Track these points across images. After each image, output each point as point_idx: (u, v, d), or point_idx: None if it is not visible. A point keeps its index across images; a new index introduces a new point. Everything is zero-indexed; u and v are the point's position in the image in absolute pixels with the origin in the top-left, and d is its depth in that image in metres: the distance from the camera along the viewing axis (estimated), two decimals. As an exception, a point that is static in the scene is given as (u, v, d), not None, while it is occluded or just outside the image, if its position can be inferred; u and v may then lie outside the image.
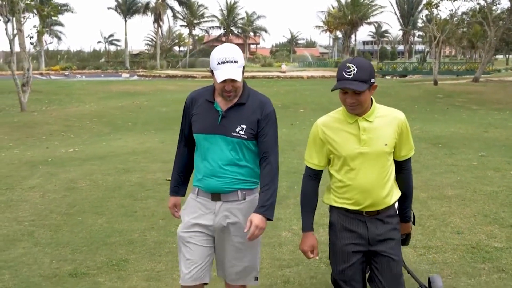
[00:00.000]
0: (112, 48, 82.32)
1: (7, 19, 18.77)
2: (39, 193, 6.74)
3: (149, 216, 5.65)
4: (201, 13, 74.35)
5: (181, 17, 72.38)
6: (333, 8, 76.10)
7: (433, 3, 26.93)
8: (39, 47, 26.33)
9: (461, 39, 55.95)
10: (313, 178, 2.76)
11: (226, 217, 2.78)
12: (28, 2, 19.77)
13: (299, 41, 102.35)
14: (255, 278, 2.90)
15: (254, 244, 2.80)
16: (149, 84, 33.82)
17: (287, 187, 6.53)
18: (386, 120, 2.65)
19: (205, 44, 76.78)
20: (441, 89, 24.06)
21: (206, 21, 75.94)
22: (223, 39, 74.04)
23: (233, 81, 2.67)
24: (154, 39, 71.74)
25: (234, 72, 2.65)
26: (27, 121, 15.55)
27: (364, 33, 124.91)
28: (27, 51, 20.33)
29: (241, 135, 2.73)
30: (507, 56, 74.09)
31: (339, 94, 2.56)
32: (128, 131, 14.20)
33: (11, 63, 19.47)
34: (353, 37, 76.60)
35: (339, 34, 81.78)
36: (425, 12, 37.01)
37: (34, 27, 21.17)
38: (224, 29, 76.28)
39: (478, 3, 29.17)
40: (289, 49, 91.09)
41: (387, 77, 44.60)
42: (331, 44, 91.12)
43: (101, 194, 6.61)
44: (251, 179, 2.81)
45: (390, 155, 2.66)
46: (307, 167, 2.77)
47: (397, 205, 2.82)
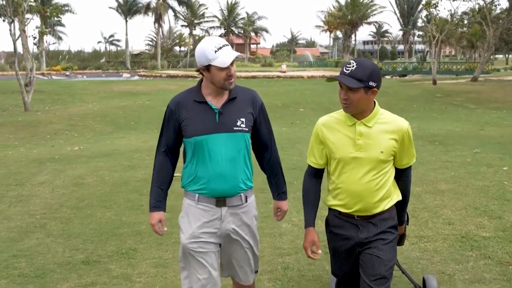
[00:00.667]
0: (113, 48, 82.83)
1: (10, 20, 19.01)
2: (48, 188, 7.00)
3: (155, 209, 5.89)
4: (202, 13, 74.71)
5: (181, 17, 72.73)
6: (333, 7, 76.41)
7: (431, 3, 27.14)
8: (41, 47, 26.53)
9: (460, 39, 56.16)
10: (314, 175, 2.79)
11: (232, 222, 2.78)
12: (31, 4, 20.03)
13: (300, 41, 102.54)
14: (256, 271, 3.04)
15: (255, 243, 2.91)
16: (151, 84, 34.11)
17: (287, 183, 6.70)
18: (387, 127, 2.59)
19: (205, 44, 76.85)
20: (440, 88, 24.32)
21: (207, 21, 76.37)
22: (224, 39, 74.09)
23: (232, 64, 2.65)
24: (155, 39, 72.07)
25: (234, 52, 2.66)
26: (31, 121, 15.80)
27: (364, 33, 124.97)
28: (30, 51, 20.57)
29: (243, 128, 2.73)
30: (506, 55, 74.31)
31: (338, 90, 2.59)
32: (131, 130, 14.46)
33: (15, 64, 19.68)
34: (353, 37, 76.83)
35: (339, 34, 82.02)
36: (425, 12, 37.17)
37: (36, 27, 21.49)
38: (224, 29, 76.55)
39: (477, 3, 29.42)
40: (289, 49, 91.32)
41: (387, 76, 44.74)
42: (331, 44, 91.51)
43: (108, 189, 6.87)
44: (250, 176, 2.85)
45: (386, 162, 2.60)
46: (308, 164, 2.80)
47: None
